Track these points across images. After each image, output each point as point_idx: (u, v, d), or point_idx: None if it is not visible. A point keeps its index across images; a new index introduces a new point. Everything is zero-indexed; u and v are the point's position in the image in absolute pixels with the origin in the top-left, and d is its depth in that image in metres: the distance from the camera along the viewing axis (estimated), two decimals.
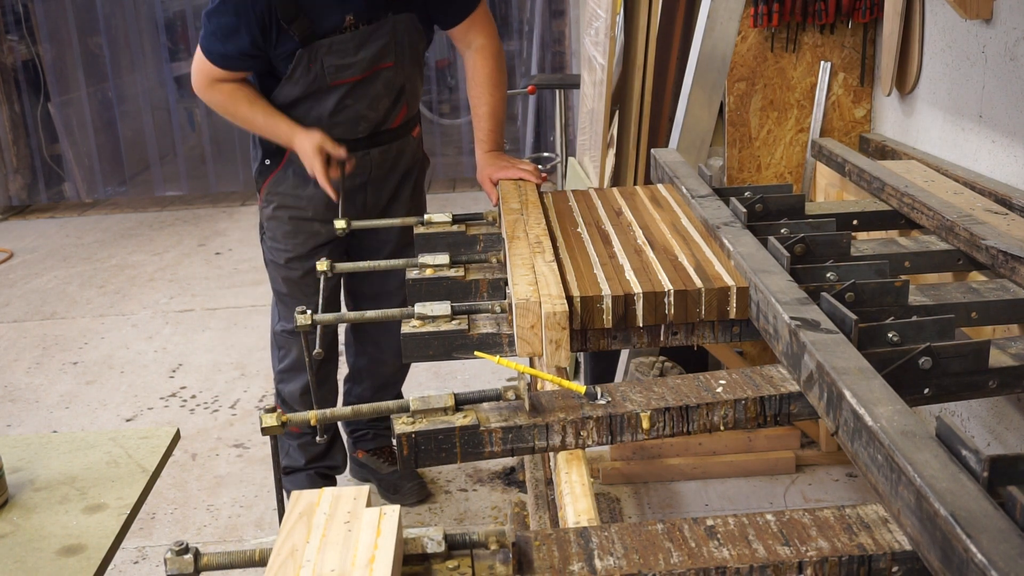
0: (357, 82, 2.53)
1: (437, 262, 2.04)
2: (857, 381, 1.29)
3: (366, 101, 2.57)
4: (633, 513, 2.98)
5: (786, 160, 3.41)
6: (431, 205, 3.04)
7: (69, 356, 4.45)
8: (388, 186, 2.77)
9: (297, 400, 2.87)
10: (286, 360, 2.87)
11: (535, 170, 2.52)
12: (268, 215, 2.76)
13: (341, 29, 2.44)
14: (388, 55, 2.54)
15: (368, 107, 2.59)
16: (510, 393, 1.42)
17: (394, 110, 2.66)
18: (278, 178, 2.71)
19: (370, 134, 2.64)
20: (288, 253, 2.74)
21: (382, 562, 1.04)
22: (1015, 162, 2.46)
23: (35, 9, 6.80)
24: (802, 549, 1.17)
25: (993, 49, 2.53)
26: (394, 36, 2.52)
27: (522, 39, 7.42)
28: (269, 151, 2.70)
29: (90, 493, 1.47)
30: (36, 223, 6.77)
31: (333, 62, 2.47)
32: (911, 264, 2.07)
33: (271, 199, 2.74)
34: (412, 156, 2.82)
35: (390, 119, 2.66)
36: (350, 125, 2.60)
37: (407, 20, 2.53)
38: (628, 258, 1.91)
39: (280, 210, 2.72)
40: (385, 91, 2.59)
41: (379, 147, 2.68)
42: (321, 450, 2.96)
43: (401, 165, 2.76)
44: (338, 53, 2.46)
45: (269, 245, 2.79)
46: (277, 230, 2.75)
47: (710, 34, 2.81)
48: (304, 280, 2.77)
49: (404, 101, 2.67)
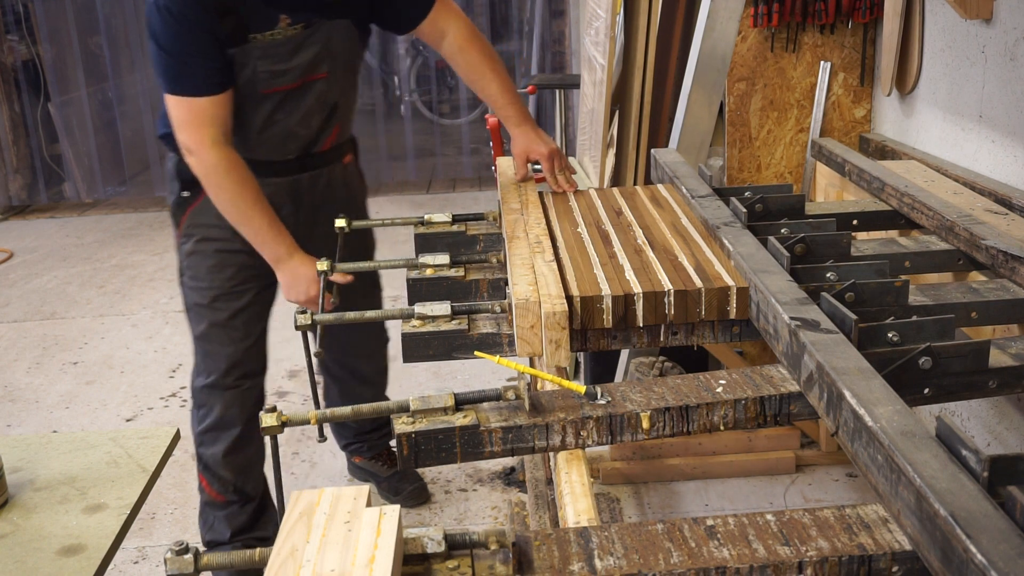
0: (289, 93, 2.31)
1: (437, 262, 2.04)
2: (857, 381, 1.29)
3: (297, 116, 2.35)
4: (633, 513, 2.98)
5: (786, 160, 3.41)
6: (431, 205, 3.04)
7: (69, 356, 4.45)
8: (322, 219, 2.48)
9: (221, 464, 2.57)
10: (208, 419, 2.55)
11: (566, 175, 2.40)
12: (189, 250, 2.48)
13: (274, 30, 2.23)
14: (322, 65, 2.32)
15: (299, 123, 2.36)
16: (510, 393, 1.42)
17: (325, 130, 2.44)
18: (200, 208, 2.41)
19: (299, 156, 2.43)
20: (214, 290, 2.46)
21: (382, 562, 1.04)
22: (1015, 162, 2.46)
23: (35, 9, 6.80)
24: (802, 549, 1.17)
25: (993, 49, 2.53)
26: (328, 44, 2.30)
27: (522, 39, 7.42)
28: (188, 181, 2.39)
29: (90, 493, 1.47)
30: (36, 223, 6.77)
31: (267, 67, 2.24)
32: (911, 264, 2.07)
33: (192, 232, 2.46)
34: (347, 187, 2.59)
35: (320, 140, 2.45)
36: (279, 143, 2.38)
37: (343, 28, 2.33)
38: (628, 258, 1.91)
39: (203, 243, 2.44)
40: (317, 106, 2.37)
41: (309, 172, 2.46)
42: (246, 521, 2.65)
43: (336, 197, 2.54)
44: (272, 57, 2.24)
45: (191, 286, 2.50)
46: (200, 266, 2.47)
47: (710, 34, 2.81)
48: (232, 323, 2.49)
49: (336, 121, 2.45)
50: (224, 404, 2.52)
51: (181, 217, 2.45)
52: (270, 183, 2.37)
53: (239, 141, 2.29)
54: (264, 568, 1.06)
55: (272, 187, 2.38)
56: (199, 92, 2.17)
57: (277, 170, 2.39)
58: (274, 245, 2.29)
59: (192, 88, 2.17)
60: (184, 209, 2.45)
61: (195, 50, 2.15)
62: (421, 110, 7.68)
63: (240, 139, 2.30)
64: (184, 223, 2.46)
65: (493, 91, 2.47)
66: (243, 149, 2.29)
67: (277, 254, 2.29)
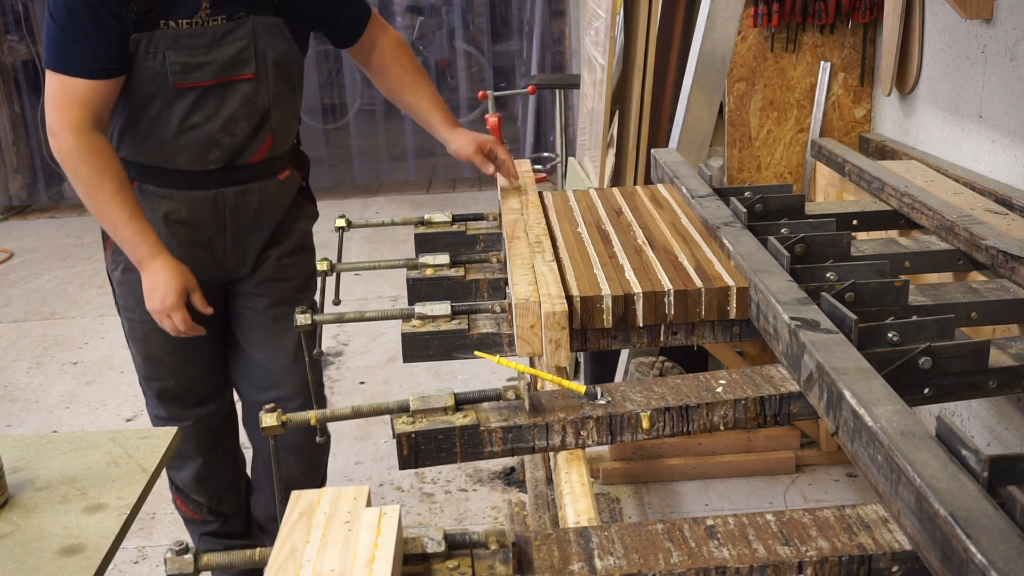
0: (206, 90, 2.07)
1: (437, 262, 2.04)
2: (857, 381, 1.29)
3: (219, 120, 2.10)
4: (633, 513, 2.98)
5: (786, 160, 3.41)
6: (431, 205, 3.02)
7: (69, 356, 4.45)
8: (252, 242, 2.26)
9: (192, 489, 2.44)
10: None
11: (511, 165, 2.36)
12: (119, 278, 2.24)
13: (192, 18, 2.02)
14: (246, 64, 2.08)
15: (221, 129, 2.10)
16: (510, 393, 1.42)
17: (255, 140, 2.16)
18: None
19: (223, 167, 2.15)
20: (147, 323, 2.18)
21: (382, 562, 1.04)
22: (1015, 162, 2.46)
23: (35, 9, 6.81)
24: (802, 549, 1.17)
25: (993, 49, 2.53)
26: (254, 42, 2.08)
27: (522, 39, 7.42)
28: None
29: (90, 493, 1.47)
30: (36, 223, 6.77)
31: (179, 59, 2.02)
32: (911, 264, 2.07)
33: (118, 260, 2.21)
34: (280, 205, 2.29)
35: (248, 151, 2.16)
36: (197, 151, 2.11)
37: (273, 26, 2.11)
38: (628, 258, 1.91)
39: (131, 272, 2.15)
40: (243, 111, 2.11)
41: (234, 187, 2.18)
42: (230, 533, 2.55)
43: (268, 217, 2.27)
44: (185, 49, 2.02)
45: (125, 315, 2.28)
46: (129, 297, 2.22)
47: (710, 34, 2.81)
48: (171, 357, 2.27)
49: (269, 130, 2.17)
50: (183, 436, 2.29)
51: (107, 240, 2.21)
52: (190, 196, 2.16)
53: (155, 144, 2.10)
54: (264, 568, 1.06)
55: (192, 201, 2.17)
56: (76, 72, 1.97)
57: (197, 181, 2.14)
58: (136, 244, 2.03)
59: (71, 66, 1.97)
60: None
61: (84, 25, 1.94)
62: None
63: (156, 142, 2.10)
64: (111, 246, 2.21)
65: (424, 92, 2.38)
66: (160, 155, 2.12)
67: (139, 254, 2.04)
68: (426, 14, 7.46)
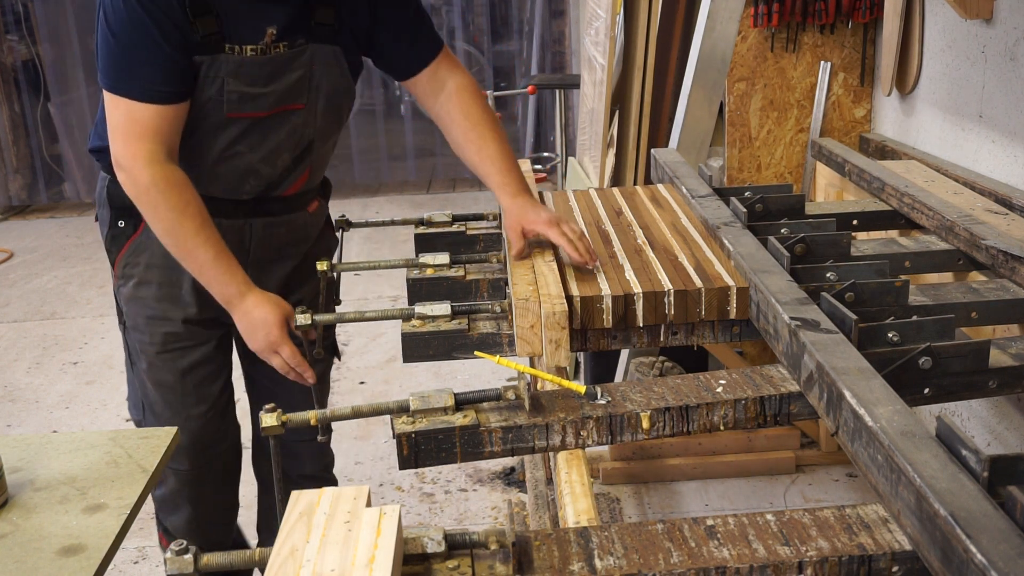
0: (257, 121, 1.92)
1: (437, 262, 2.04)
2: (857, 381, 1.29)
3: (262, 151, 1.95)
4: (633, 513, 2.98)
5: (786, 160, 3.41)
6: (431, 205, 3.01)
7: (69, 356, 4.45)
8: (275, 276, 2.11)
9: (183, 531, 2.20)
10: (162, 488, 2.17)
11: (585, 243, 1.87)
12: (128, 295, 2.06)
13: (257, 44, 1.86)
14: (300, 94, 1.94)
15: (263, 159, 1.96)
16: (510, 393, 1.42)
17: (294, 171, 2.02)
18: (139, 244, 2.01)
19: (256, 198, 2.01)
20: (156, 346, 2.06)
21: (382, 562, 1.04)
22: (1015, 162, 2.46)
23: (35, 9, 6.81)
24: (802, 549, 1.17)
25: (993, 49, 2.53)
26: (309, 71, 1.93)
27: (522, 39, 7.42)
28: (123, 209, 1.98)
29: (90, 493, 1.46)
30: (36, 223, 6.77)
31: (237, 87, 1.86)
32: (911, 264, 2.07)
33: (131, 274, 2.04)
34: (306, 238, 2.15)
35: (286, 183, 2.03)
36: (234, 180, 1.97)
37: (330, 55, 1.95)
38: (628, 258, 1.90)
39: (142, 288, 2.03)
40: (288, 142, 1.97)
41: (263, 218, 2.04)
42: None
43: (293, 251, 2.14)
44: (246, 77, 1.86)
45: (133, 337, 2.09)
46: (138, 316, 2.06)
47: (710, 34, 2.81)
48: (183, 381, 2.08)
49: (309, 163, 2.04)
50: (178, 481, 2.15)
51: (117, 254, 2.05)
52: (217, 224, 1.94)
53: (188, 168, 1.89)
54: (264, 568, 1.06)
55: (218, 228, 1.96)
56: (144, 97, 1.79)
57: (226, 210, 1.99)
58: (223, 284, 1.86)
59: (137, 91, 1.79)
60: (120, 244, 2.03)
61: (152, 45, 1.77)
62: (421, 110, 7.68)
63: (190, 166, 1.89)
64: (120, 262, 2.05)
65: (491, 152, 2.03)
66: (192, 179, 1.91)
67: (227, 294, 1.87)
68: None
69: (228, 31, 1.82)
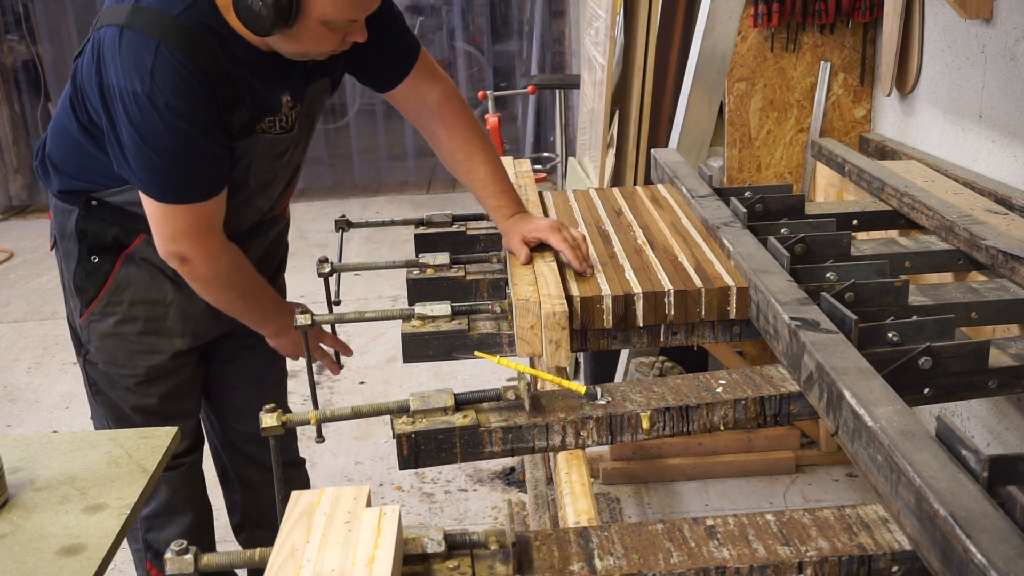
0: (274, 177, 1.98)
1: (437, 262, 2.04)
2: (857, 381, 1.29)
3: (265, 194, 2.00)
4: (633, 513, 2.98)
5: (786, 160, 3.41)
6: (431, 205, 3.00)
7: (69, 356, 4.44)
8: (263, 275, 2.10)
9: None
10: (153, 503, 2.15)
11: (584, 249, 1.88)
12: (104, 331, 1.98)
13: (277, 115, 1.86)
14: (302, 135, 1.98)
15: (265, 199, 2.00)
16: (510, 393, 1.42)
17: (284, 195, 2.09)
18: (121, 281, 1.95)
19: (252, 225, 2.04)
20: (137, 377, 2.01)
21: (382, 562, 1.04)
22: (1015, 162, 2.46)
23: (35, 9, 6.81)
24: (802, 549, 1.17)
25: (993, 49, 2.53)
26: (310, 111, 1.95)
27: (522, 39, 7.43)
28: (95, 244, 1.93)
29: (90, 493, 1.46)
30: (36, 223, 6.76)
31: (265, 162, 1.89)
32: (911, 264, 2.07)
33: (111, 312, 1.97)
34: (283, 238, 2.23)
35: (277, 207, 2.09)
36: (235, 219, 1.93)
37: (322, 88, 1.96)
38: (628, 258, 1.91)
39: (126, 324, 1.97)
40: (283, 174, 2.00)
41: (257, 237, 2.07)
42: None
43: (276, 254, 2.21)
44: (274, 151, 1.89)
45: (102, 369, 2.03)
46: (118, 351, 2.00)
47: (710, 34, 2.81)
48: (164, 406, 2.06)
49: (294, 183, 2.10)
50: (171, 488, 2.14)
51: (96, 293, 1.96)
52: None
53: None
54: (264, 568, 1.06)
55: None
56: (203, 197, 1.77)
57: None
58: (278, 318, 1.98)
59: (197, 194, 1.76)
60: (99, 281, 1.95)
61: (204, 154, 1.73)
62: None
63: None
64: (99, 301, 1.97)
65: (482, 175, 1.99)
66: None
67: (278, 326, 2.00)
68: (426, 14, 7.47)
69: (255, 113, 1.81)
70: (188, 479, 2.19)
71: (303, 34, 1.69)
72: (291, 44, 1.73)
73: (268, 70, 1.80)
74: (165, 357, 2.02)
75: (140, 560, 2.26)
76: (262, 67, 1.79)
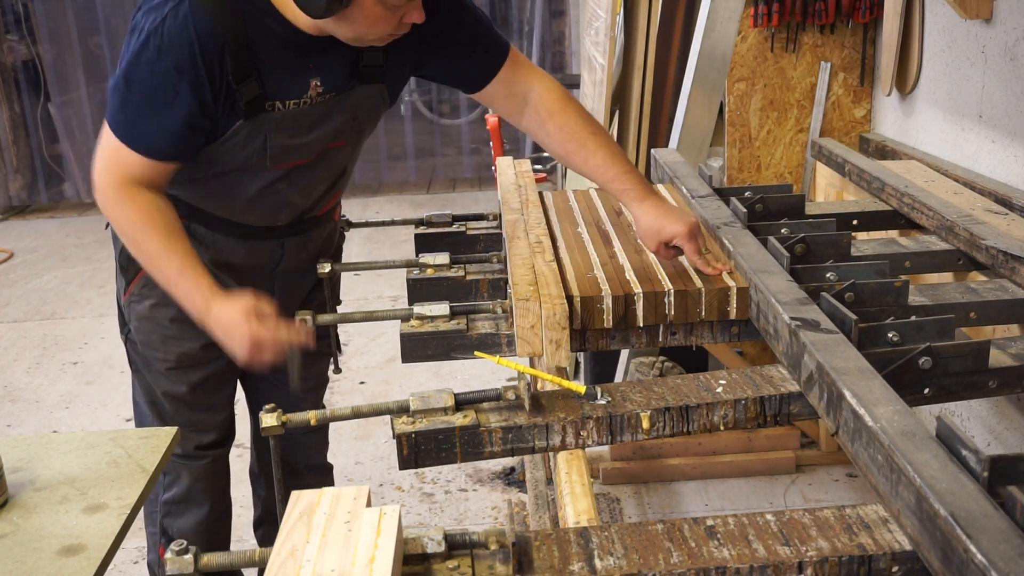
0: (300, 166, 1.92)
1: (437, 262, 2.04)
2: (857, 381, 1.29)
3: (299, 187, 1.95)
4: (633, 513, 2.98)
5: (786, 160, 3.41)
6: (431, 205, 3.00)
7: (69, 356, 4.45)
8: (303, 282, 2.16)
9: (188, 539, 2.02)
10: (174, 489, 2.15)
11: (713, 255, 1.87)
12: (141, 313, 2.03)
13: (301, 98, 1.82)
14: (343, 134, 1.93)
15: (299, 193, 1.96)
16: (510, 393, 1.42)
17: (327, 196, 2.05)
18: None
19: (290, 223, 2.02)
20: (168, 363, 2.04)
21: (382, 562, 1.04)
22: (1015, 162, 2.46)
23: (35, 9, 6.81)
24: (802, 549, 1.17)
25: (993, 49, 2.53)
26: (355, 112, 1.91)
27: (522, 39, 7.42)
28: None
29: (90, 493, 1.46)
30: (36, 223, 6.77)
31: (280, 141, 1.83)
32: (911, 264, 2.07)
33: (146, 294, 2.01)
34: (328, 241, 2.18)
35: (319, 206, 2.05)
36: (269, 213, 1.96)
37: (376, 94, 1.93)
38: (628, 258, 1.90)
39: (160, 309, 2.00)
40: (326, 175, 1.98)
41: (295, 236, 2.04)
42: None
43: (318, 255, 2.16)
44: (288, 130, 1.83)
45: (140, 351, 2.07)
46: (152, 333, 2.03)
47: (710, 34, 2.81)
48: (193, 395, 2.08)
49: (340, 186, 2.07)
50: (192, 477, 2.15)
51: (135, 274, 2.00)
52: (246, 246, 2.01)
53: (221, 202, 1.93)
54: (264, 568, 1.06)
55: (247, 250, 2.02)
56: (138, 148, 1.74)
57: (260, 235, 2.00)
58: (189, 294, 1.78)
59: (137, 144, 1.74)
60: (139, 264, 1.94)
61: (169, 106, 1.71)
62: (421, 110, 7.68)
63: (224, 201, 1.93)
64: (137, 281, 2.01)
65: (600, 160, 1.89)
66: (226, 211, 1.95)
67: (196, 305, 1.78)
68: None
69: (270, 90, 1.77)
70: (211, 471, 2.18)
71: (358, 15, 1.67)
72: (346, 27, 1.71)
73: (301, 52, 1.78)
74: (196, 346, 2.01)
75: (154, 543, 2.27)
76: (295, 47, 1.77)
